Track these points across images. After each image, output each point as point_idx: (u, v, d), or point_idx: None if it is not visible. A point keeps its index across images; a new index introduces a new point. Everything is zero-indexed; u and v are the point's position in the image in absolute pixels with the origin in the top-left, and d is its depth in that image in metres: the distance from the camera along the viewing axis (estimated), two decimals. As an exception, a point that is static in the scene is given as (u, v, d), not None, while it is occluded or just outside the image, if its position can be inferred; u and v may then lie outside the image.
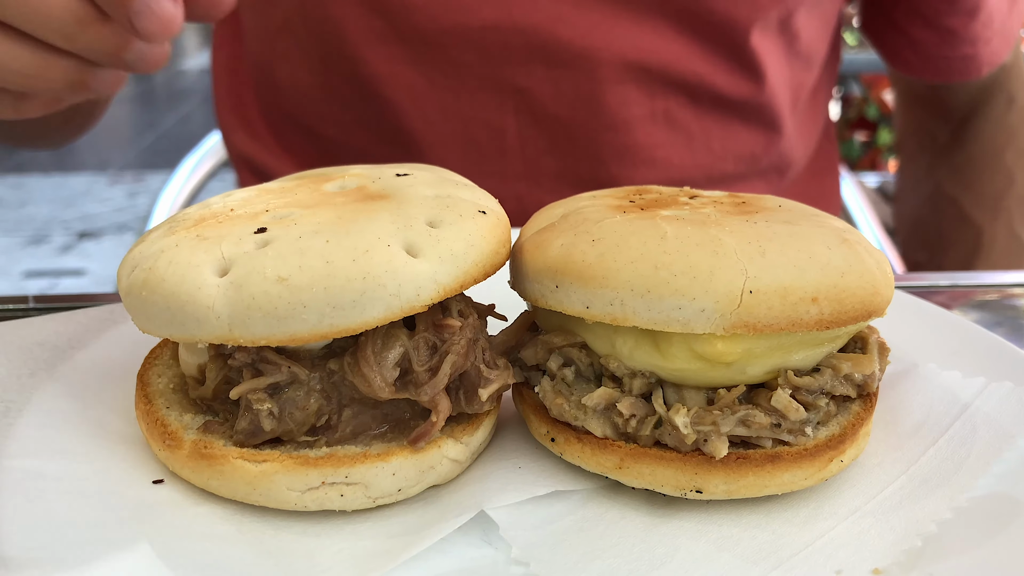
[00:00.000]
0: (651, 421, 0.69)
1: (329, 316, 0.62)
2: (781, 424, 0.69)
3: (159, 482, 0.70)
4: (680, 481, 0.69)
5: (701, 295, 0.65)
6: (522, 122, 1.38)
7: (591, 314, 0.68)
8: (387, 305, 0.63)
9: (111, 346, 0.88)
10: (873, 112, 4.82)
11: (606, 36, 1.32)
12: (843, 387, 0.72)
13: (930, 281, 1.23)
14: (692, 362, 0.68)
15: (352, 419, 0.68)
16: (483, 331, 0.73)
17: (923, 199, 1.81)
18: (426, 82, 1.37)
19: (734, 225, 0.70)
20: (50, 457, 0.71)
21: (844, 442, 0.71)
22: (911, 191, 1.88)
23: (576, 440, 0.72)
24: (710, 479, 0.68)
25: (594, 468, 0.71)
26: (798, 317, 0.66)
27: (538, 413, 0.75)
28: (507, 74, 1.35)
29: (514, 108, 1.37)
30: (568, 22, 1.31)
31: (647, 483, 0.70)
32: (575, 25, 1.31)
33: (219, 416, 0.71)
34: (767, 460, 0.69)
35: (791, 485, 0.70)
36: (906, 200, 1.90)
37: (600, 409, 0.71)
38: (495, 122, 1.38)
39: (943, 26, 1.54)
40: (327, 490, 0.66)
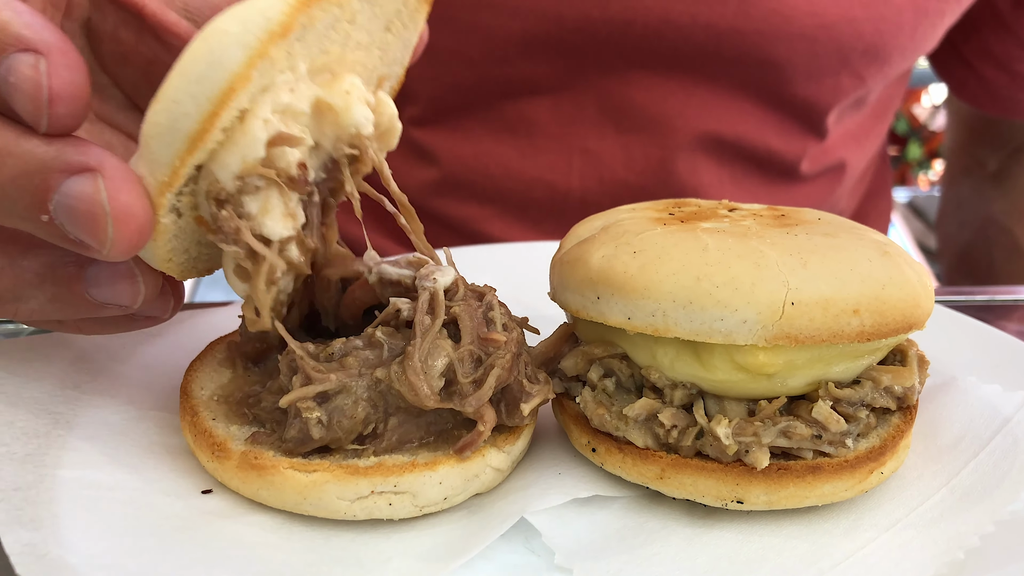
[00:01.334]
0: (692, 432, 0.70)
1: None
2: (822, 436, 0.69)
3: (207, 492, 0.72)
4: (721, 491, 0.69)
5: (743, 306, 0.66)
6: (587, 183, 1.39)
7: (632, 325, 0.69)
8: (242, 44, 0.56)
9: (151, 359, 0.90)
10: (903, 127, 4.79)
11: (681, 105, 1.33)
12: (883, 399, 0.73)
13: (968, 296, 1.23)
14: (733, 373, 0.69)
15: (398, 427, 0.70)
16: (525, 345, 0.74)
17: (972, 226, 1.82)
18: (492, 138, 1.39)
19: (775, 237, 0.71)
20: (102, 468, 0.72)
21: (884, 454, 0.71)
22: (955, 214, 1.88)
23: (617, 450, 0.73)
24: (751, 490, 0.69)
25: (635, 478, 0.72)
26: (839, 329, 0.67)
27: (579, 423, 0.76)
28: (577, 135, 1.36)
29: (580, 169, 1.38)
30: (643, 88, 1.32)
31: (688, 493, 0.70)
32: (650, 91, 1.32)
33: (266, 426, 0.73)
34: (808, 471, 0.69)
35: (831, 496, 0.70)
36: (950, 223, 1.91)
37: (641, 420, 0.72)
38: (560, 183, 1.39)
39: (1016, 70, 1.56)
40: (376, 499, 0.67)
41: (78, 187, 0.56)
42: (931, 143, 4.93)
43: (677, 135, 1.35)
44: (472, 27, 1.28)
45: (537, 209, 1.42)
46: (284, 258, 0.65)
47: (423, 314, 0.69)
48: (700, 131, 1.35)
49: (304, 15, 0.59)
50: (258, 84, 0.59)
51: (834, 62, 1.30)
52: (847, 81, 1.34)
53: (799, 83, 1.32)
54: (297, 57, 0.62)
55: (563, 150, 1.37)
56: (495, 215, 1.43)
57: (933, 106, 5.13)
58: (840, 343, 0.68)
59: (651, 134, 1.35)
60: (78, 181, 0.56)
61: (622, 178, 1.37)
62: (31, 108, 0.55)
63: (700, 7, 1.23)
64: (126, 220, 0.57)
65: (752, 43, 1.26)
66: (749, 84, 1.32)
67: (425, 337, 0.68)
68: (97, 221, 0.57)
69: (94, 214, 0.56)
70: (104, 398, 0.82)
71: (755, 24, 1.25)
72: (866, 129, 1.54)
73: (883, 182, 1.74)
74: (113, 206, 0.57)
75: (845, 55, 1.30)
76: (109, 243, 0.57)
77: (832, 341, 0.67)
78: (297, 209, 0.66)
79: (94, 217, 0.56)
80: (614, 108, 1.34)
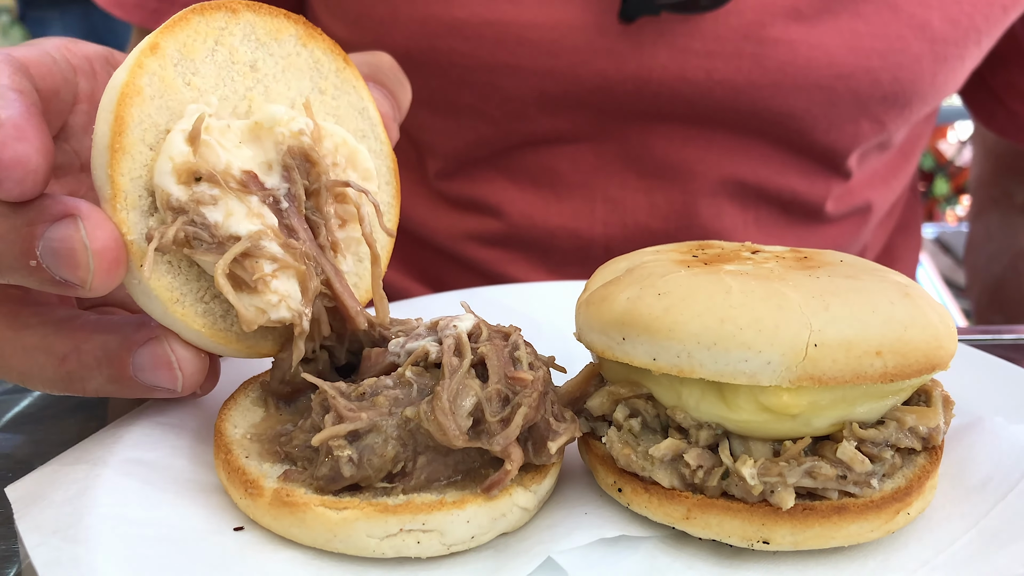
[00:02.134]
0: (718, 472, 0.70)
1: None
2: (847, 476, 0.69)
3: (240, 529, 0.73)
4: (747, 532, 0.70)
5: (767, 348, 0.67)
6: (610, 230, 1.40)
7: (658, 366, 0.70)
8: None
9: (186, 399, 0.91)
10: (929, 162, 4.78)
11: (702, 152, 1.35)
12: (908, 440, 0.73)
13: (995, 335, 1.22)
14: (758, 414, 0.70)
15: (426, 466, 0.71)
16: (551, 384, 0.75)
17: (1002, 259, 1.80)
18: (515, 188, 1.40)
19: (797, 279, 0.72)
20: (138, 506, 0.73)
21: (911, 494, 0.71)
22: (983, 247, 1.87)
23: (643, 490, 0.73)
24: (777, 530, 0.69)
25: (661, 518, 0.72)
26: (862, 370, 0.67)
27: (605, 463, 0.77)
28: (600, 183, 1.38)
29: (603, 216, 1.40)
30: (663, 137, 1.33)
31: (714, 533, 0.71)
32: (670, 141, 1.33)
33: (297, 464, 0.74)
34: (833, 511, 0.69)
35: (858, 537, 0.70)
36: (979, 256, 1.89)
37: (667, 460, 0.72)
38: (583, 229, 1.41)
39: None
40: (404, 537, 0.68)
41: (61, 231, 0.65)
42: (958, 179, 4.91)
43: (699, 181, 1.36)
44: (491, 88, 1.30)
45: (561, 254, 1.43)
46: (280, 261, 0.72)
47: (450, 355, 0.71)
48: (722, 176, 1.36)
49: (171, 39, 0.72)
50: (160, 104, 0.71)
51: (852, 110, 1.31)
52: (867, 127, 1.34)
53: (818, 131, 1.32)
54: (200, 89, 0.74)
55: (586, 198, 1.39)
56: (520, 259, 1.45)
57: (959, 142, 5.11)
58: (863, 383, 0.68)
59: (673, 181, 1.36)
60: (61, 226, 0.65)
61: (645, 224, 1.38)
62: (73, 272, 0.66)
63: (715, 63, 1.25)
64: (104, 253, 0.66)
65: (768, 95, 1.27)
66: (768, 132, 1.33)
67: (453, 377, 0.70)
68: (79, 258, 0.65)
69: (75, 251, 0.65)
70: (138, 437, 0.84)
71: (771, 77, 1.26)
72: (892, 168, 1.54)
73: (913, 217, 1.73)
74: (92, 242, 0.66)
75: (863, 103, 1.30)
76: (91, 278, 0.66)
77: (855, 382, 0.67)
78: (263, 210, 0.72)
79: (75, 255, 0.65)
80: (635, 157, 1.35)
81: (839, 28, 1.25)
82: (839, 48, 1.25)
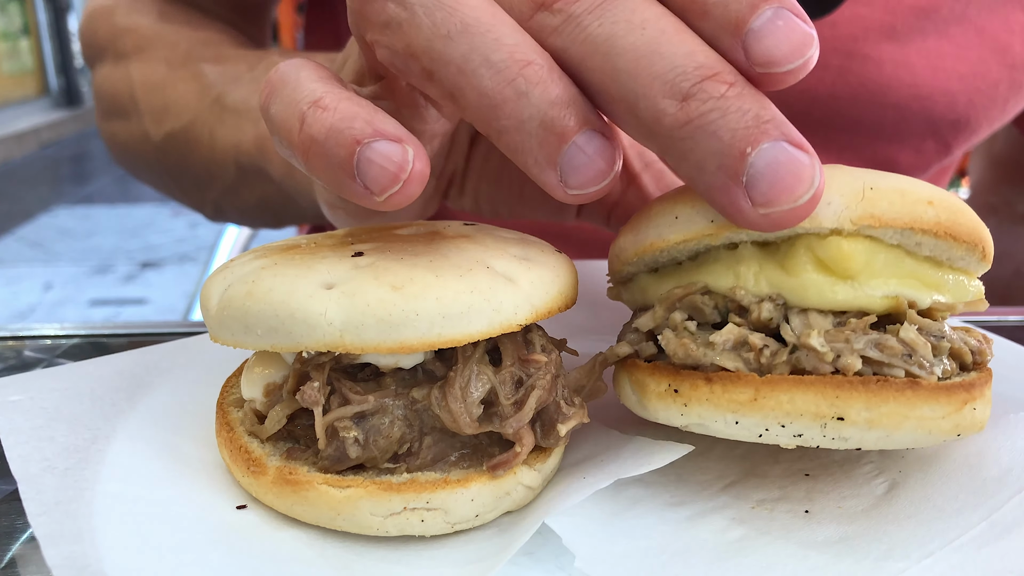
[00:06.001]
0: (786, 351, 0.68)
1: (439, 325, 0.65)
2: (912, 356, 0.68)
3: (242, 507, 0.73)
4: (820, 407, 0.66)
5: (827, 191, 0.67)
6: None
7: (717, 227, 0.69)
8: (488, 320, 0.66)
9: (188, 376, 0.91)
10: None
11: None
12: (960, 342, 0.72)
13: (999, 316, 1.21)
14: (817, 272, 0.68)
15: (433, 446, 0.70)
16: (562, 367, 0.75)
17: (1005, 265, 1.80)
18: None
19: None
20: (139, 483, 0.73)
21: (976, 388, 0.69)
22: None
23: (705, 382, 0.69)
24: (851, 404, 0.66)
25: (725, 408, 0.68)
26: (917, 215, 0.68)
27: (655, 373, 0.73)
28: None
29: None
30: None
31: (785, 413, 0.67)
32: None
33: (300, 442, 0.74)
34: (907, 386, 0.66)
35: (929, 423, 0.67)
36: None
37: (729, 346, 0.70)
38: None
39: None
40: (408, 515, 0.68)
41: (389, 148, 0.62)
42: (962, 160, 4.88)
43: None
44: None
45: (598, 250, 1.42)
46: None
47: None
48: None
49: None
50: None
51: (922, 129, 1.30)
52: (932, 147, 1.34)
53: (880, 144, 1.32)
54: None
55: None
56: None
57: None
58: (918, 234, 0.69)
59: None
60: (390, 145, 0.62)
61: None
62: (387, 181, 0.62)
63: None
64: (419, 180, 0.63)
65: (844, 108, 1.27)
66: (834, 141, 1.32)
67: (467, 363, 0.69)
68: (396, 179, 0.62)
69: (398, 172, 0.62)
70: (141, 413, 0.84)
71: (851, 90, 1.25)
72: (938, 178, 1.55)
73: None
74: (412, 170, 0.63)
75: (935, 124, 1.30)
76: (389, 195, 0.63)
77: (911, 226, 0.68)
78: None
79: (395, 176, 0.62)
80: None
81: (927, 49, 1.24)
82: (924, 69, 1.25)
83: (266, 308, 0.67)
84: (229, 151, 1.22)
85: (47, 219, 7.66)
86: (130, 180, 1.57)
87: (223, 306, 0.70)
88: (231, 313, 0.69)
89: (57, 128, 12.43)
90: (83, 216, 7.69)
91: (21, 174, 9.79)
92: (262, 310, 0.67)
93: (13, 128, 11.12)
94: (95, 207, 7.99)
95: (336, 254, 0.71)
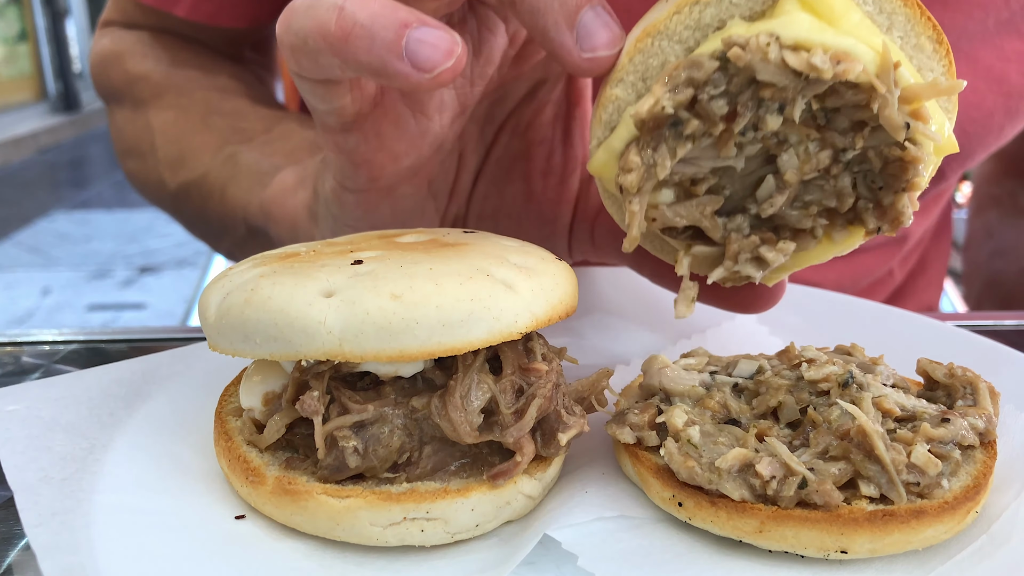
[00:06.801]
0: (794, 481, 0.67)
1: (439, 333, 0.65)
2: (919, 482, 0.68)
3: (241, 517, 0.72)
4: (824, 542, 0.67)
5: None
6: None
7: None
8: (489, 328, 0.66)
9: (186, 385, 0.91)
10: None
11: None
12: (970, 437, 0.72)
13: (995, 320, 1.21)
14: (803, 12, 0.66)
15: (432, 456, 0.70)
16: (563, 375, 0.74)
17: (1006, 256, 1.80)
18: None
19: None
20: (138, 493, 0.73)
21: (980, 492, 0.70)
22: (985, 243, 1.87)
23: (709, 504, 0.69)
24: (856, 538, 0.66)
25: (729, 532, 0.69)
26: None
27: (660, 476, 0.72)
28: None
29: None
30: None
31: (789, 545, 0.68)
32: None
33: (299, 452, 0.73)
34: (912, 516, 0.67)
35: (932, 540, 0.68)
36: (980, 251, 1.89)
37: (735, 471, 0.69)
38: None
39: None
40: (408, 525, 0.67)
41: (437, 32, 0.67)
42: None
43: None
44: None
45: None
46: None
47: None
48: None
49: None
50: None
51: None
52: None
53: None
54: None
55: None
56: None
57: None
58: None
59: None
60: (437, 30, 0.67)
61: None
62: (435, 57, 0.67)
63: None
64: (465, 60, 0.68)
65: None
66: None
67: (468, 372, 0.69)
68: (450, 53, 0.67)
69: (451, 48, 0.67)
70: (139, 423, 0.83)
71: None
72: (932, 201, 1.54)
73: (940, 250, 1.72)
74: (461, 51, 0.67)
75: None
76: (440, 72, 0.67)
77: None
78: None
79: (449, 51, 0.67)
80: None
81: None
82: None
83: (265, 316, 0.66)
84: (238, 210, 1.24)
85: (45, 224, 7.65)
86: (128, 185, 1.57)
87: (221, 315, 0.70)
88: (229, 322, 0.69)
89: (55, 133, 12.43)
90: (81, 221, 7.69)
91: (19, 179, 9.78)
92: (261, 319, 0.67)
93: (11, 133, 11.12)
94: (93, 212, 7.99)
95: (335, 262, 0.70)
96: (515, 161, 0.95)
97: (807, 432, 0.73)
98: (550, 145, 0.94)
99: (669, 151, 0.67)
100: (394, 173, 0.85)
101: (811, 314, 1.06)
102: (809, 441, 0.72)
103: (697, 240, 0.73)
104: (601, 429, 0.80)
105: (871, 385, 0.75)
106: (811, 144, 0.69)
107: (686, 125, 0.67)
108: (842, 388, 0.75)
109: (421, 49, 0.66)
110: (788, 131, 0.68)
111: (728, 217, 0.72)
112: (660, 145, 0.67)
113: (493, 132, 0.95)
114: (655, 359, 0.82)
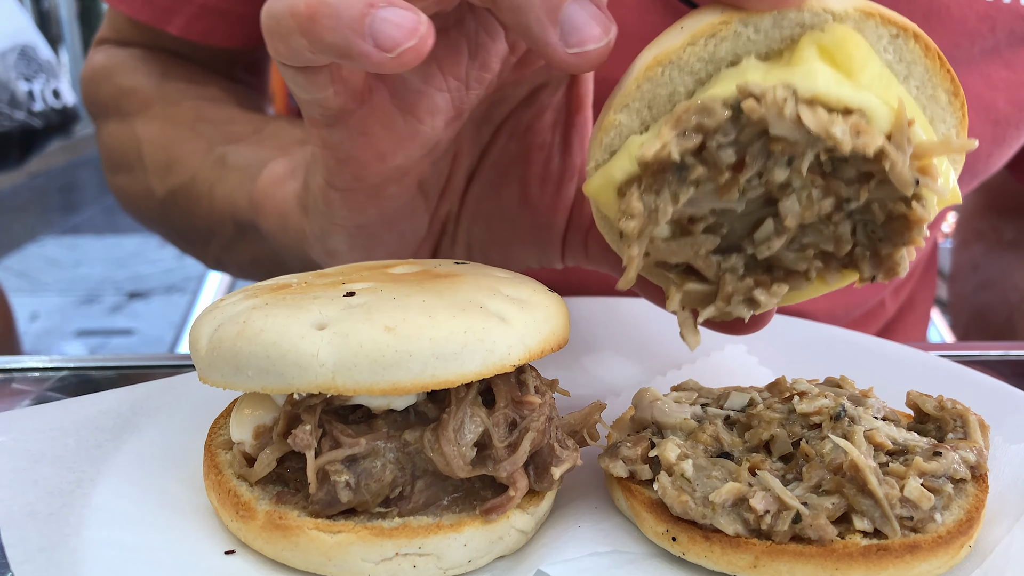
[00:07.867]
0: (788, 516, 0.67)
1: (432, 366, 0.64)
2: (913, 516, 0.68)
3: (230, 553, 0.71)
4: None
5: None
6: None
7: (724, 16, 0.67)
8: (483, 360, 0.66)
9: (174, 417, 0.90)
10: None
11: None
12: (963, 470, 0.72)
13: (981, 351, 1.21)
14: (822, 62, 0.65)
15: (425, 490, 0.69)
16: (555, 408, 0.74)
17: (992, 289, 1.80)
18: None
19: None
20: (125, 528, 0.72)
21: (973, 526, 0.70)
22: (970, 276, 1.87)
23: (703, 539, 0.69)
24: (851, 573, 0.66)
25: (724, 568, 0.69)
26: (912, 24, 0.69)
27: (654, 511, 0.72)
28: None
29: None
30: None
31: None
32: None
33: (290, 486, 0.73)
34: (906, 550, 0.67)
35: (927, 574, 0.68)
36: (965, 284, 1.90)
37: (729, 505, 0.69)
38: None
39: None
40: (400, 561, 0.67)
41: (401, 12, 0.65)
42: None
43: None
44: None
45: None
46: None
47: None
48: None
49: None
50: None
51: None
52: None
53: None
54: None
55: None
56: None
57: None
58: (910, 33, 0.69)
59: None
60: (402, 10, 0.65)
61: None
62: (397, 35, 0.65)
63: None
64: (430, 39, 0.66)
65: None
66: None
67: (460, 405, 0.69)
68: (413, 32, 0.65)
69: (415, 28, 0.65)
70: (127, 455, 0.83)
71: None
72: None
73: (928, 282, 1.72)
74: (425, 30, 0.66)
75: None
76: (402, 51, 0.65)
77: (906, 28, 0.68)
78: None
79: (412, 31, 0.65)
80: None
81: None
82: None
83: (257, 349, 0.66)
84: (227, 208, 1.23)
85: (34, 249, 7.62)
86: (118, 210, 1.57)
87: (213, 347, 0.70)
88: (221, 354, 0.69)
89: (46, 158, 12.41)
90: (71, 246, 7.66)
91: (9, 203, 9.75)
92: (254, 351, 0.66)
93: (1, 158, 11.09)
94: (83, 237, 7.96)
95: (328, 294, 0.70)
96: (512, 164, 0.95)
97: (800, 466, 0.73)
98: (548, 150, 0.93)
99: (671, 196, 0.66)
100: (380, 172, 0.83)
101: (799, 345, 1.06)
102: (802, 475, 0.71)
103: (690, 275, 0.73)
104: (593, 462, 0.80)
105: (862, 418, 0.75)
106: (815, 191, 0.68)
107: (691, 171, 0.66)
108: (834, 421, 0.75)
109: (384, 28, 0.64)
110: (793, 177, 0.67)
111: (723, 255, 0.72)
112: (663, 190, 0.67)
113: (490, 133, 0.94)
114: (646, 392, 0.82)
